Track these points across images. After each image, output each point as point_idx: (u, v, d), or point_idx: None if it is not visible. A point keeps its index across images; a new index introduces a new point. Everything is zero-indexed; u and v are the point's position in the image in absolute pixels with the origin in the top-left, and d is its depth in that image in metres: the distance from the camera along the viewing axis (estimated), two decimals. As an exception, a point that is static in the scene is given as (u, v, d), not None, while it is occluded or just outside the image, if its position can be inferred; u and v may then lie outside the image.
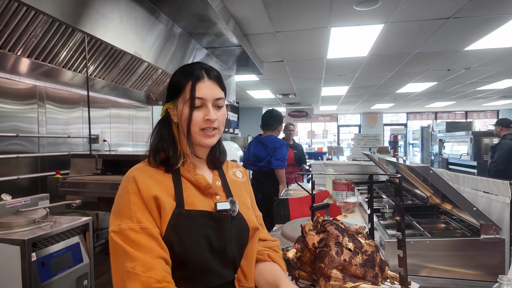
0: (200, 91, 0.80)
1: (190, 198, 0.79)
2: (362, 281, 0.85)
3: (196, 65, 0.84)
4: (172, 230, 0.73)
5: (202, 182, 0.82)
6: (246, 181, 0.98)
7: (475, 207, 1.14)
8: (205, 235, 0.76)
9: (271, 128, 2.77)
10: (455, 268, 1.12)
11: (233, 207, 0.82)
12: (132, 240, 0.69)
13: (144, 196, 0.74)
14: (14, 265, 1.51)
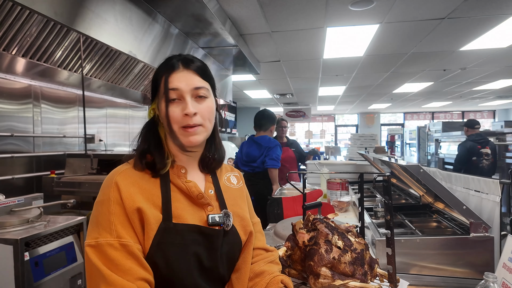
0: (173, 82, 0.72)
1: (179, 209, 0.71)
2: (351, 279, 0.86)
3: (175, 57, 0.76)
4: (158, 248, 0.65)
5: (194, 191, 0.74)
6: (242, 187, 0.90)
7: (464, 205, 1.15)
8: (195, 254, 0.69)
9: (263, 128, 2.77)
10: (445, 266, 1.13)
11: (227, 221, 0.74)
12: (110, 259, 0.62)
13: (127, 207, 0.66)
14: (7, 264, 1.50)
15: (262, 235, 0.89)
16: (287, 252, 0.97)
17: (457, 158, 4.49)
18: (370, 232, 1.37)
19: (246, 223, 0.81)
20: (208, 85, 0.77)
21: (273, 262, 0.83)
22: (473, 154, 4.21)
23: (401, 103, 9.23)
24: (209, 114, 0.76)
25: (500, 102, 9.35)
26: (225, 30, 2.84)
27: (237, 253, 0.78)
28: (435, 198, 1.62)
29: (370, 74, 5.36)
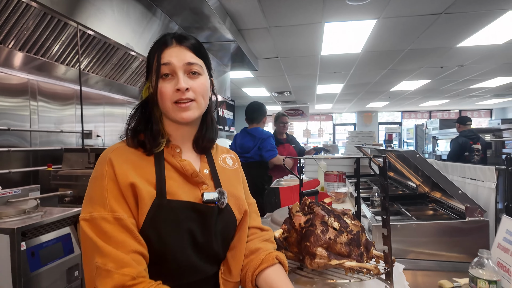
0: (165, 57, 0.72)
1: (173, 187, 0.71)
2: (347, 259, 0.86)
3: (169, 34, 0.76)
4: (151, 223, 0.66)
5: (188, 169, 0.74)
6: (238, 168, 0.90)
7: (460, 190, 1.15)
8: (188, 230, 0.69)
9: (255, 121, 2.79)
10: (441, 252, 1.14)
11: (222, 199, 0.74)
12: (104, 231, 0.62)
13: (120, 182, 0.66)
14: (3, 254, 1.50)
15: (257, 215, 0.89)
16: (284, 234, 0.97)
17: (450, 154, 4.56)
18: (367, 220, 1.37)
19: (241, 202, 0.82)
20: (201, 62, 0.76)
21: (268, 240, 0.83)
22: (465, 149, 4.27)
23: (399, 102, 9.26)
24: (202, 91, 0.75)
25: (497, 101, 9.39)
26: (223, 25, 2.84)
27: (232, 232, 0.78)
28: (432, 187, 1.62)
29: (368, 71, 5.37)
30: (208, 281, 0.75)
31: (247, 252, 0.78)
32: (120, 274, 0.59)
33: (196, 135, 0.81)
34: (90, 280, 0.62)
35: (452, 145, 4.61)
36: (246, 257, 0.78)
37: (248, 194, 0.89)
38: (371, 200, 1.62)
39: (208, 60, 0.79)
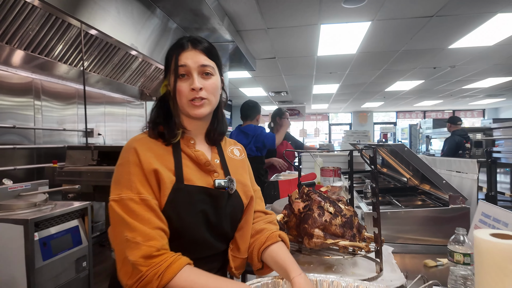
0: (182, 59, 0.81)
1: (189, 174, 0.80)
2: (341, 239, 0.96)
3: (185, 37, 0.84)
4: (171, 204, 0.75)
5: (201, 158, 0.83)
6: (244, 158, 0.99)
7: (444, 180, 1.26)
8: (202, 211, 0.78)
9: (249, 118, 2.91)
10: (427, 237, 1.24)
11: (231, 185, 0.84)
12: (132, 210, 0.71)
13: (145, 168, 0.74)
14: (17, 243, 1.58)
15: (261, 200, 0.99)
16: (284, 218, 1.07)
17: (446, 152, 4.68)
18: (360, 210, 1.47)
19: (247, 188, 0.91)
20: (213, 64, 0.85)
21: (272, 222, 0.92)
22: (460, 147, 4.42)
23: (394, 102, 9.41)
24: (213, 90, 0.84)
25: (489, 101, 9.58)
26: (222, 26, 2.93)
27: (240, 214, 0.88)
28: (421, 180, 1.73)
29: (363, 72, 5.49)
30: (219, 257, 0.85)
31: (253, 232, 0.88)
32: (147, 245, 0.68)
33: (208, 128, 0.91)
34: (120, 252, 0.71)
35: (449, 143, 4.76)
36: (252, 236, 0.87)
37: (253, 182, 0.99)
38: (364, 192, 1.72)
39: (220, 61, 0.88)
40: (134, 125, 4.90)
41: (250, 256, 0.86)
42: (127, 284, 0.68)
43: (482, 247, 0.54)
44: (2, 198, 1.75)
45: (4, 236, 1.59)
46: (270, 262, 0.82)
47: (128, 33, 2.50)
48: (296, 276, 0.72)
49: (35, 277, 1.59)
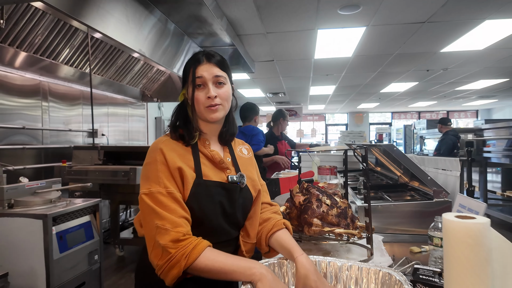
0: (198, 72, 0.93)
1: (206, 171, 0.92)
2: (336, 227, 1.10)
3: (200, 52, 0.96)
4: (193, 197, 0.86)
5: (216, 157, 0.96)
6: (251, 156, 1.11)
7: (429, 176, 1.40)
8: (219, 202, 0.90)
9: (247, 119, 3.07)
10: (414, 228, 1.38)
11: (242, 180, 0.97)
12: (160, 202, 0.82)
13: (170, 166, 0.86)
14: (36, 236, 1.69)
15: (267, 193, 1.12)
16: (286, 210, 1.20)
17: (444, 151, 4.84)
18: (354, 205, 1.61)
19: (255, 183, 1.04)
20: (225, 75, 0.98)
21: (276, 212, 1.06)
22: (455, 147, 4.60)
23: (389, 103, 9.58)
24: (226, 97, 0.96)
25: (482, 102, 9.79)
26: (224, 31, 3.05)
27: (249, 205, 1.01)
28: (410, 177, 1.87)
29: (359, 74, 5.64)
30: (232, 242, 0.98)
31: (261, 221, 1.01)
32: (175, 231, 0.80)
33: (221, 130, 1.04)
34: (150, 237, 0.83)
35: (445, 143, 4.95)
36: (260, 224, 1.00)
37: (259, 177, 1.12)
38: (358, 188, 1.86)
39: (230, 71, 1.02)
40: (136, 126, 5.01)
41: (258, 241, 0.99)
42: (158, 264, 0.80)
43: (448, 226, 0.67)
44: (20, 195, 1.87)
45: (24, 230, 1.71)
46: (276, 245, 0.95)
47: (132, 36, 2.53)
48: (299, 256, 0.85)
49: (53, 268, 1.71)
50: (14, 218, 1.71)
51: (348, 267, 0.87)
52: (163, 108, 5.73)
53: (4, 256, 1.70)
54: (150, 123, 5.40)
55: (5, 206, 1.79)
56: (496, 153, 4.55)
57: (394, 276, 0.80)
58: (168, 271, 0.79)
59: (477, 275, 0.63)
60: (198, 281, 0.86)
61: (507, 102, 10.15)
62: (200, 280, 0.84)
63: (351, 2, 2.79)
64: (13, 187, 1.84)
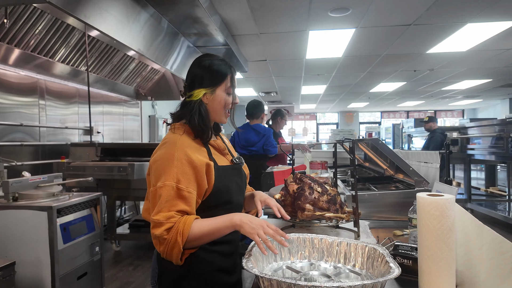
0: (234, 81, 1.07)
1: (217, 159, 1.04)
2: (327, 212, 1.21)
3: (227, 61, 1.07)
4: (218, 180, 0.99)
5: (221, 145, 1.10)
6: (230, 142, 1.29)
7: (411, 167, 1.53)
8: (235, 181, 1.06)
9: (255, 116, 3.16)
10: (397, 215, 1.51)
11: (241, 161, 1.15)
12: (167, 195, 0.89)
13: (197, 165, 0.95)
14: (41, 228, 1.77)
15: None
16: (281, 197, 1.31)
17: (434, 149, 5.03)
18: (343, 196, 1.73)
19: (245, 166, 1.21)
20: None
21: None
22: (443, 144, 4.81)
23: (378, 102, 9.81)
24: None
25: (468, 102, 10.10)
26: (218, 31, 3.15)
27: (247, 178, 1.19)
28: (396, 170, 2.01)
29: (349, 74, 5.80)
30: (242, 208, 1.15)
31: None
32: (169, 222, 0.88)
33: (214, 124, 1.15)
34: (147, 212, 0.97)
35: (435, 141, 5.17)
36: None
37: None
38: (347, 181, 1.99)
39: None
40: (130, 124, 5.07)
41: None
42: (161, 251, 0.90)
43: (420, 202, 0.79)
44: (24, 188, 1.93)
45: (30, 222, 1.78)
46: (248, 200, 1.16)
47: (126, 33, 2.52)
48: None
49: (58, 258, 1.79)
50: (20, 211, 1.78)
51: (338, 243, 0.98)
52: (156, 106, 5.78)
53: (11, 247, 1.77)
54: (144, 122, 5.45)
55: (10, 199, 1.86)
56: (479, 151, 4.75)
57: (378, 250, 0.92)
58: (170, 252, 0.88)
59: (443, 242, 0.75)
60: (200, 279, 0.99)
61: (491, 102, 10.50)
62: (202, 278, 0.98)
63: (341, 5, 2.92)
64: (17, 181, 1.90)
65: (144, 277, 2.88)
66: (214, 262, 1.00)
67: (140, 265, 3.15)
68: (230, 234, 0.98)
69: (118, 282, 2.77)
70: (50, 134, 3.34)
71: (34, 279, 1.76)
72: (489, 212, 4.35)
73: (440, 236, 0.74)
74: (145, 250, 3.56)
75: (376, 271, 0.89)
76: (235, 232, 0.98)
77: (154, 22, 2.77)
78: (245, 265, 0.83)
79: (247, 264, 0.84)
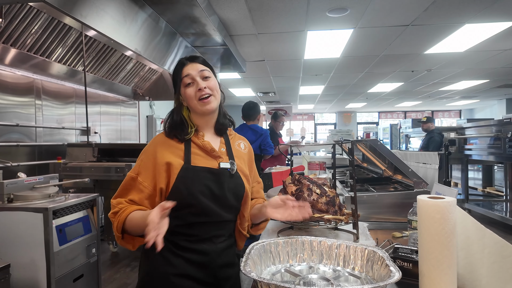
0: (185, 71, 1.04)
1: (196, 159, 1.02)
2: (326, 213, 1.20)
3: (183, 58, 1.08)
4: (181, 180, 0.97)
5: (207, 146, 1.04)
6: (247, 152, 1.18)
7: (410, 168, 1.52)
8: (206, 184, 0.99)
9: (252, 118, 3.17)
10: (396, 216, 1.50)
11: (232, 167, 1.05)
12: (128, 184, 1.01)
13: (158, 161, 0.99)
14: (37, 229, 1.75)
15: (262, 190, 1.24)
16: (280, 199, 1.30)
17: (433, 150, 5.06)
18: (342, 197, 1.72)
19: (247, 178, 1.12)
20: (209, 69, 1.07)
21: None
22: (441, 145, 4.83)
23: (376, 102, 9.82)
24: (215, 87, 1.06)
25: (465, 102, 10.13)
26: (216, 32, 3.13)
27: (242, 190, 1.08)
28: (394, 171, 2.00)
29: (347, 74, 5.80)
30: (225, 224, 1.06)
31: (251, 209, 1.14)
32: (118, 207, 0.98)
33: (215, 122, 1.13)
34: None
35: (433, 141, 5.16)
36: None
37: (256, 175, 1.22)
38: (345, 182, 1.98)
39: (212, 68, 1.12)
40: (128, 124, 5.04)
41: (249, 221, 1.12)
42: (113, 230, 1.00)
43: (421, 205, 0.78)
44: (19, 189, 1.91)
45: (25, 223, 1.76)
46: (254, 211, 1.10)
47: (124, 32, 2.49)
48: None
49: (53, 260, 1.77)
50: (15, 212, 1.76)
51: (337, 245, 0.97)
52: (154, 106, 5.76)
53: (6, 249, 1.74)
54: (141, 122, 5.43)
55: (5, 200, 1.83)
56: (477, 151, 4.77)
57: (378, 253, 0.91)
58: (114, 233, 0.99)
59: (444, 246, 0.74)
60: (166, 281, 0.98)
61: (488, 103, 10.54)
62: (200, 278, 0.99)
63: (339, 5, 2.92)
64: (12, 182, 1.88)
65: (141, 279, 2.86)
66: (180, 267, 0.99)
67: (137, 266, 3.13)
68: (204, 245, 1.00)
69: (115, 284, 2.75)
70: (47, 134, 3.31)
71: (30, 281, 1.74)
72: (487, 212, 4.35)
73: (442, 240, 0.73)
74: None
75: (376, 274, 0.88)
76: (211, 245, 1.01)
77: (152, 22, 2.75)
78: (243, 268, 0.82)
79: (245, 267, 0.82)
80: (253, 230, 1.12)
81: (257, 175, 1.23)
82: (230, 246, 1.07)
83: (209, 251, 1.00)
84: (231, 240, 1.09)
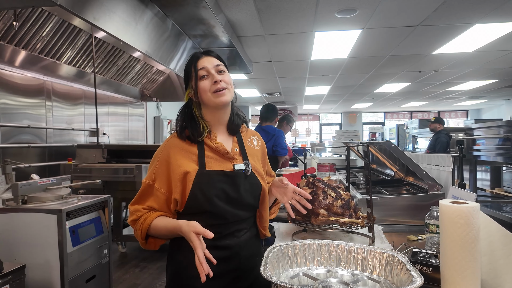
0: (200, 64, 1.01)
1: (210, 163, 1.00)
2: (341, 217, 1.20)
3: (197, 52, 1.07)
4: (197, 186, 0.96)
5: (221, 149, 1.02)
6: (260, 148, 1.17)
7: (424, 171, 1.51)
8: (221, 188, 0.98)
9: (269, 120, 3.20)
10: (410, 219, 1.49)
11: (247, 168, 1.03)
12: (144, 190, 1.02)
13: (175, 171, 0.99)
14: (51, 231, 1.76)
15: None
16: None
17: (440, 150, 5.04)
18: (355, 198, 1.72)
19: (260, 172, 1.11)
20: (223, 64, 1.06)
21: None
22: (449, 145, 4.81)
23: (382, 103, 9.77)
24: (229, 81, 1.04)
25: (472, 102, 10.04)
26: (225, 33, 3.14)
27: (258, 190, 1.07)
28: (406, 173, 1.99)
29: (353, 75, 5.78)
30: (244, 222, 1.06)
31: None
32: (135, 215, 1.01)
33: (228, 120, 1.11)
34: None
35: (440, 142, 5.18)
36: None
37: (269, 169, 1.22)
38: (357, 184, 1.97)
39: (226, 64, 1.10)
40: (135, 125, 5.07)
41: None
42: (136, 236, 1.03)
43: (444, 210, 0.78)
44: (33, 191, 1.93)
45: (39, 224, 1.78)
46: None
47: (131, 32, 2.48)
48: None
49: (67, 261, 1.78)
50: (29, 214, 1.78)
51: (355, 249, 0.97)
52: (161, 107, 5.79)
53: (21, 250, 1.76)
54: (149, 123, 5.46)
55: (19, 202, 1.85)
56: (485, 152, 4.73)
57: (397, 258, 0.90)
58: (137, 238, 1.03)
59: (468, 251, 0.73)
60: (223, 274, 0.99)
61: (496, 103, 10.44)
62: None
63: (349, 6, 2.91)
64: (26, 184, 1.90)
65: (151, 279, 2.87)
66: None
67: (146, 266, 3.15)
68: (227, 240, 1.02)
69: (125, 284, 2.77)
70: (57, 135, 3.34)
71: (44, 282, 1.75)
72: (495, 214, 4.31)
73: (465, 245, 0.73)
74: (151, 252, 3.56)
75: (395, 279, 0.87)
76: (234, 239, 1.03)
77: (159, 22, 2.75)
78: (263, 272, 0.82)
79: (265, 271, 0.82)
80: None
81: (270, 169, 1.23)
82: (252, 237, 1.09)
83: (232, 245, 1.02)
84: (253, 231, 1.09)
